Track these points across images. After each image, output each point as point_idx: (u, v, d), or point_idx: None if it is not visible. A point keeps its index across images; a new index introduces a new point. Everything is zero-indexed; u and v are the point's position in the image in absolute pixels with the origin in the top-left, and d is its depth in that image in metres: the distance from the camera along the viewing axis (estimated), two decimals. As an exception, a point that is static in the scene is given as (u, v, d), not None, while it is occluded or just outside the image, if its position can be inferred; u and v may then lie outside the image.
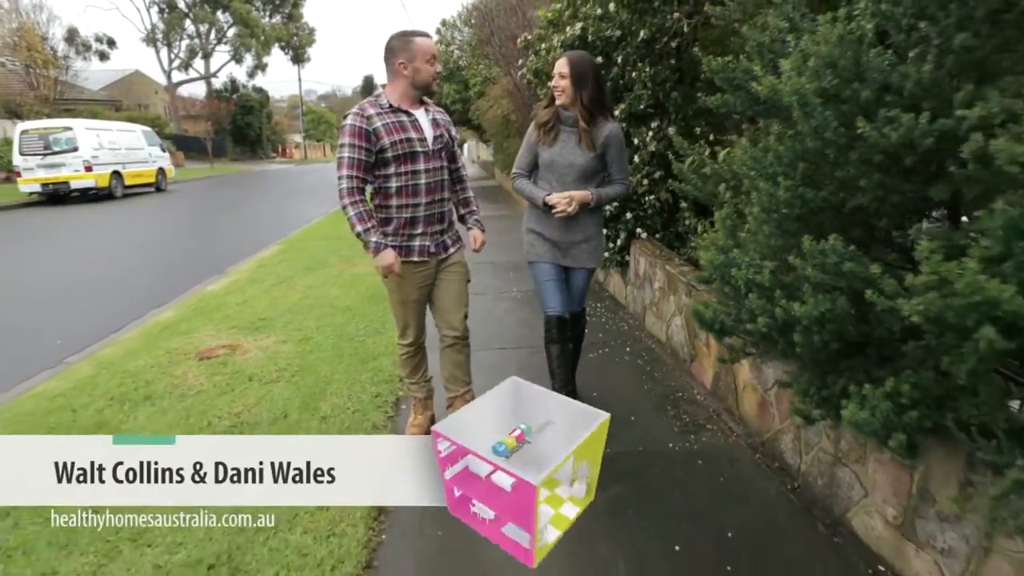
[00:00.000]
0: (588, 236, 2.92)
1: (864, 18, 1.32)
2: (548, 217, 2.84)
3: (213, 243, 9.73)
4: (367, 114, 2.44)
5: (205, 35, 37.01)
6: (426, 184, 2.54)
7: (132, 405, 3.39)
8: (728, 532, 2.25)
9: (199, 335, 4.62)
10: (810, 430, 2.47)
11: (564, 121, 2.82)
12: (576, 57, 2.75)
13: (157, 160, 17.87)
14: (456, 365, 2.83)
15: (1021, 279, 1.05)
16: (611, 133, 2.78)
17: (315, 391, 3.49)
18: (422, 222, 2.58)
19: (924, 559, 1.88)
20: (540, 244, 2.94)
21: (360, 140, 2.42)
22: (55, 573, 2.05)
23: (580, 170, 2.80)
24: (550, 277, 2.93)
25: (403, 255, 2.57)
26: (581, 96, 2.70)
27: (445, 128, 2.64)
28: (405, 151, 2.47)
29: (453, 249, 2.76)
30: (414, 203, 2.55)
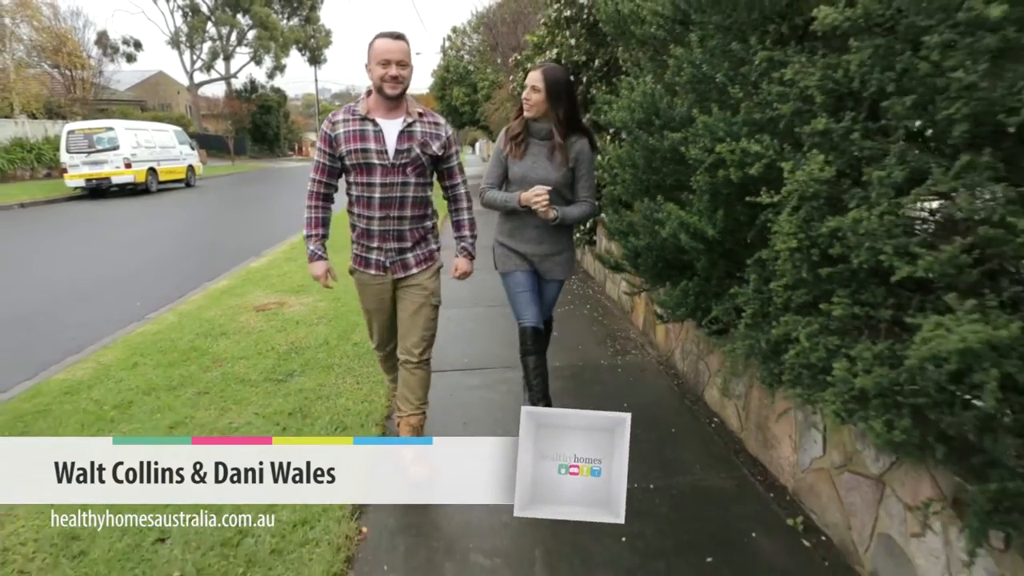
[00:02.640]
0: (561, 249, 2.85)
1: (659, 81, 2.50)
2: (520, 230, 2.80)
3: (246, 231, 10.99)
4: (335, 119, 2.40)
5: (226, 37, 38.55)
6: (381, 199, 2.39)
7: (213, 338, 4.61)
8: (625, 404, 3.42)
9: (252, 296, 5.86)
10: (687, 341, 3.65)
11: (535, 134, 2.71)
12: (551, 72, 2.64)
13: (187, 158, 19.25)
14: (406, 385, 2.67)
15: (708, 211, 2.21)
16: (582, 149, 2.70)
17: (347, 329, 4.71)
18: (377, 236, 2.46)
19: (731, 407, 3.06)
20: (512, 256, 2.86)
21: (324, 145, 2.41)
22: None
23: (551, 185, 2.67)
24: (525, 288, 2.85)
25: (361, 265, 2.55)
26: (558, 112, 2.62)
27: (420, 142, 2.41)
28: (359, 161, 2.36)
29: (416, 269, 2.56)
30: (368, 215, 2.43)
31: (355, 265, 2.59)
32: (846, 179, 1.60)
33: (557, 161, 2.69)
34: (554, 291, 3.03)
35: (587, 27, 5.08)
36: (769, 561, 2.18)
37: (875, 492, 1.98)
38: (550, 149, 2.70)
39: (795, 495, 2.49)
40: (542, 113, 2.65)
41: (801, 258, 1.72)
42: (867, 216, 1.46)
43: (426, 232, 2.59)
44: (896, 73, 1.43)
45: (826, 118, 1.59)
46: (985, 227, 1.18)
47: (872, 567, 2.01)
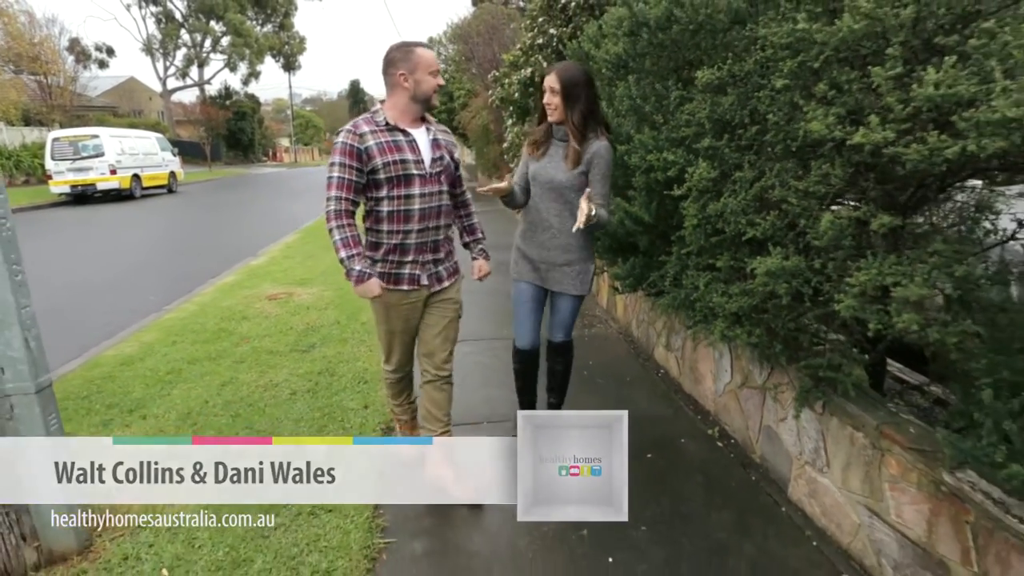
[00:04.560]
0: (571, 260, 2.66)
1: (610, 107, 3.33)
2: (533, 231, 2.70)
3: (235, 233, 11.59)
4: (360, 131, 2.25)
5: (200, 44, 38.70)
6: (420, 210, 2.32)
7: (236, 321, 5.32)
8: (590, 362, 4.24)
9: (261, 288, 6.56)
10: (640, 312, 4.49)
11: (556, 135, 2.63)
12: (566, 70, 2.51)
13: (169, 164, 19.67)
14: (434, 403, 2.64)
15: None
16: (597, 151, 2.53)
17: (354, 311, 5.45)
18: (413, 250, 2.37)
19: (672, 359, 3.90)
20: (522, 262, 2.76)
21: (351, 159, 2.23)
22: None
23: (558, 186, 2.59)
24: (526, 299, 2.75)
25: (391, 283, 2.39)
26: (572, 114, 2.49)
27: (446, 150, 2.42)
28: (399, 173, 2.26)
29: (447, 282, 2.53)
30: (405, 229, 2.33)
31: (385, 284, 2.39)
32: (724, 178, 2.43)
33: (569, 162, 2.57)
34: (567, 308, 2.78)
35: (556, 52, 5.91)
36: (691, 455, 3.01)
37: (760, 397, 2.83)
38: (565, 150, 2.60)
39: (715, 415, 3.33)
40: (564, 116, 2.53)
41: (700, 231, 2.55)
42: (733, 201, 2.30)
43: (451, 241, 2.57)
44: (748, 111, 2.27)
45: (711, 138, 2.43)
46: (786, 204, 2.01)
47: (760, 451, 2.85)
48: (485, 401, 3.62)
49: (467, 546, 2.34)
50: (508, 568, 2.22)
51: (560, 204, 2.62)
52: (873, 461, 2.06)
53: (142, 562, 2.23)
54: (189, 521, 2.23)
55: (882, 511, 2.04)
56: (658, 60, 2.77)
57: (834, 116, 1.72)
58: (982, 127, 1.30)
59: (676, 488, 2.71)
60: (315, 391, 3.73)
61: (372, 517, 2.47)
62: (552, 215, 2.64)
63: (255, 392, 3.72)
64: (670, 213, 3.06)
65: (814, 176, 1.85)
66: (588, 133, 2.56)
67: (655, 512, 2.53)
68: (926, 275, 1.50)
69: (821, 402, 2.29)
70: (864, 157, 1.68)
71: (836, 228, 1.73)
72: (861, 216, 1.72)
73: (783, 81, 1.89)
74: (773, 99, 2.09)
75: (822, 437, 2.34)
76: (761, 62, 2.15)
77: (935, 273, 1.53)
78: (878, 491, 2.05)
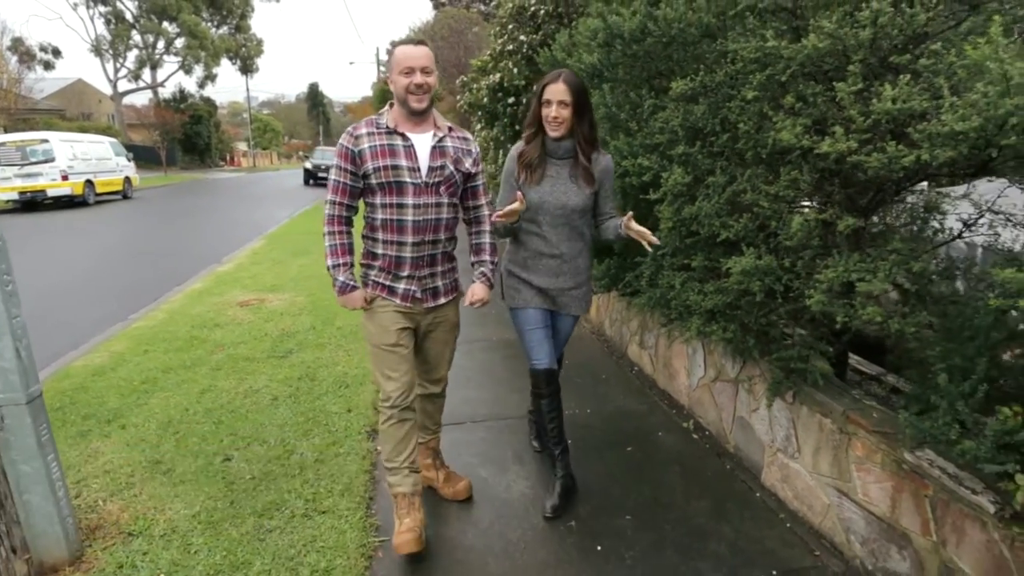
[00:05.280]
0: (579, 283, 2.56)
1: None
2: (537, 260, 2.50)
3: (195, 239, 11.35)
4: (357, 133, 2.16)
5: (152, 46, 37.64)
6: (413, 222, 2.17)
7: (209, 329, 5.26)
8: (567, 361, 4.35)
9: (231, 295, 6.48)
10: (614, 310, 4.63)
11: (553, 153, 2.39)
12: (575, 81, 2.31)
13: (124, 169, 19.09)
14: (427, 415, 2.60)
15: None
16: (607, 167, 2.43)
17: (329, 316, 5.46)
18: (408, 264, 2.23)
19: (645, 356, 4.05)
20: (526, 290, 2.56)
21: (346, 162, 2.15)
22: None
23: (575, 210, 2.41)
24: (538, 325, 2.55)
25: (387, 294, 2.27)
26: (583, 127, 2.33)
27: (453, 159, 2.23)
28: (389, 180, 2.13)
29: (444, 299, 2.37)
30: (399, 241, 2.20)
31: (378, 293, 2.27)
32: (697, 183, 2.57)
33: (581, 183, 2.38)
34: (569, 326, 2.70)
35: (525, 58, 6.03)
36: (668, 448, 3.14)
37: (733, 389, 2.98)
38: (572, 169, 2.38)
39: (689, 408, 3.48)
40: (570, 131, 2.34)
41: (675, 233, 2.69)
42: (707, 205, 2.44)
43: (452, 256, 2.42)
44: (719, 120, 2.41)
45: (684, 145, 2.57)
46: (757, 207, 2.16)
47: (734, 441, 3.00)
48: (465, 402, 3.69)
49: (461, 540, 2.42)
50: (502, 560, 2.30)
51: (569, 229, 2.45)
52: (841, 445, 2.22)
53: (138, 570, 2.23)
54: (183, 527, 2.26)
55: (850, 491, 2.20)
56: (631, 70, 2.91)
57: (801, 126, 1.87)
58: (934, 139, 1.46)
59: (656, 479, 2.84)
60: (297, 396, 3.75)
61: (366, 516, 2.52)
62: (563, 241, 2.46)
63: (236, 399, 3.72)
64: (645, 216, 3.19)
65: (783, 181, 2.00)
66: (592, 148, 2.41)
67: (637, 502, 2.66)
68: (887, 271, 1.66)
69: (792, 392, 2.45)
70: (829, 164, 1.83)
71: (805, 229, 1.88)
72: (828, 218, 1.87)
73: (753, 93, 2.04)
74: (743, 109, 2.24)
75: (792, 425, 2.50)
76: (731, 74, 2.30)
77: (895, 269, 1.69)
78: (846, 472, 2.21)
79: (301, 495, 2.67)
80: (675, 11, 2.50)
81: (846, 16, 1.80)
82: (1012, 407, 1.60)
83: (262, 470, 2.89)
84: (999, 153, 1.41)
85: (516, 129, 6.84)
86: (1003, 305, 1.48)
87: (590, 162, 2.38)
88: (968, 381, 1.69)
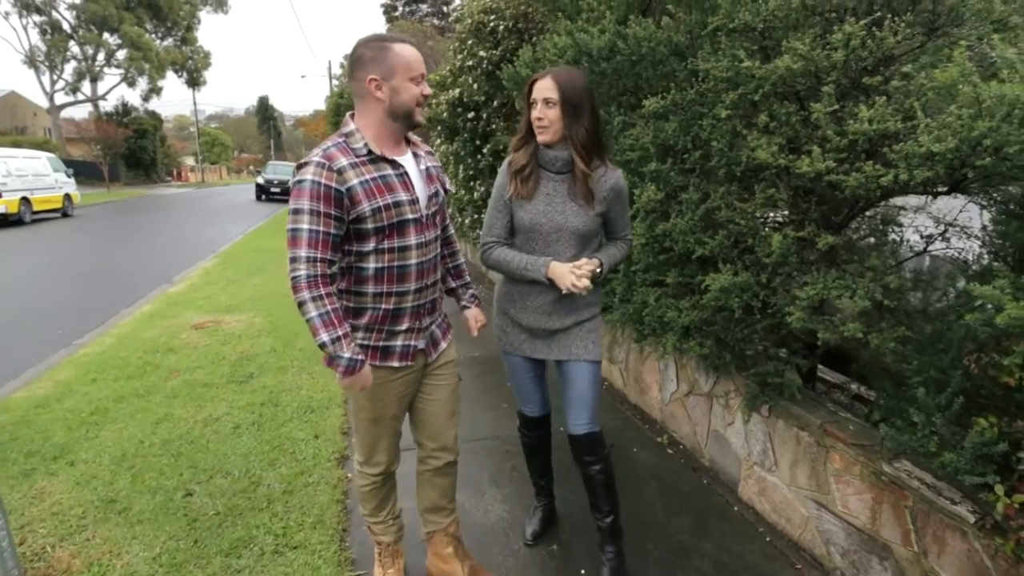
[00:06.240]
0: (581, 319, 2.09)
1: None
2: (524, 296, 2.08)
3: (148, 259, 10.90)
4: (337, 166, 1.64)
5: (92, 57, 36.26)
6: (417, 265, 1.79)
7: (162, 354, 5.02)
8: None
9: (184, 317, 6.22)
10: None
11: (548, 165, 2.00)
12: (567, 77, 1.92)
13: (63, 186, 18.21)
14: (439, 491, 2.15)
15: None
16: (618, 184, 2.01)
17: (289, 339, 5.29)
18: (408, 315, 1.83)
19: (616, 370, 4.05)
20: (513, 332, 2.17)
21: (327, 205, 1.64)
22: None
23: (576, 234, 1.99)
24: (525, 373, 2.26)
25: (379, 358, 1.84)
26: (575, 131, 1.91)
27: (439, 181, 1.90)
28: (392, 221, 1.71)
29: (444, 343, 2.02)
30: (399, 291, 1.79)
31: (371, 360, 1.82)
32: (670, 200, 2.59)
33: (581, 201, 1.97)
34: (584, 379, 2.11)
35: (486, 73, 6.02)
36: (644, 463, 3.14)
37: (707, 403, 3.00)
38: (571, 184, 1.98)
39: (662, 423, 3.49)
40: (560, 136, 1.94)
41: (649, 250, 2.70)
42: (682, 222, 2.45)
43: (442, 296, 2.06)
44: (691, 137, 2.44)
45: (656, 162, 2.58)
46: (733, 224, 2.18)
47: (709, 455, 3.02)
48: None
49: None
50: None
51: (568, 258, 1.99)
52: (819, 457, 2.25)
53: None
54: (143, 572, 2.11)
55: (829, 503, 2.23)
56: (599, 87, 2.91)
57: (776, 145, 1.89)
58: (910, 159, 1.49)
59: (635, 496, 2.82)
60: (260, 423, 3.60)
61: (340, 550, 2.42)
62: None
63: (195, 428, 3.54)
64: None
65: (759, 199, 2.03)
66: (594, 159, 1.97)
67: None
68: (866, 288, 1.69)
69: (767, 406, 2.47)
70: (804, 182, 1.86)
71: (784, 246, 1.90)
72: (806, 236, 1.90)
73: (726, 111, 2.06)
74: (715, 127, 2.27)
75: (769, 438, 2.52)
76: (702, 92, 2.33)
77: (872, 285, 1.72)
78: (824, 485, 2.24)
79: (270, 530, 2.55)
80: (645, 30, 2.52)
81: (816, 38, 1.84)
82: (988, 418, 1.65)
83: (227, 505, 2.74)
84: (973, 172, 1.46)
85: (476, 144, 6.82)
86: (977, 320, 1.51)
87: (588, 176, 1.95)
88: (943, 393, 1.73)
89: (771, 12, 1.96)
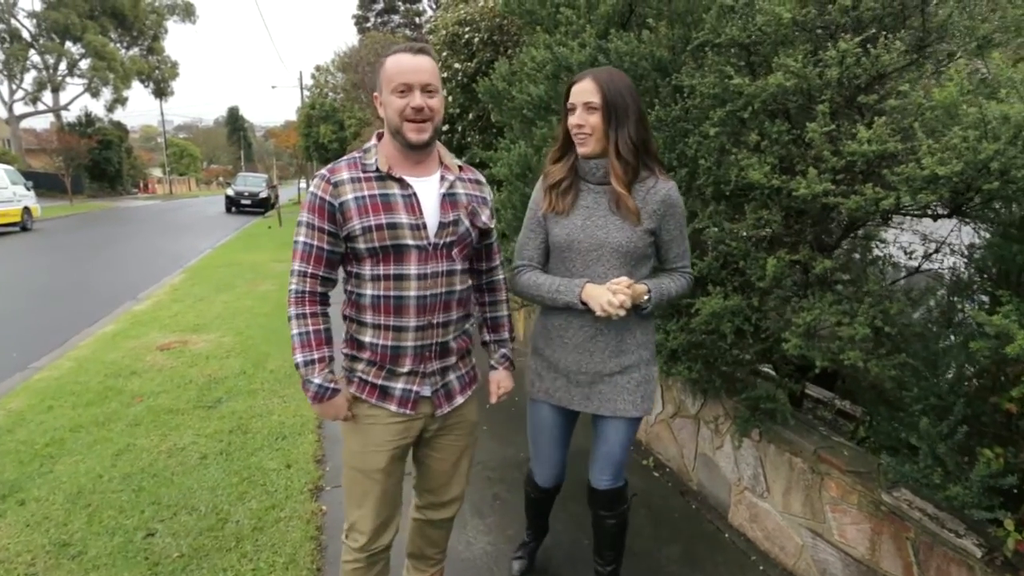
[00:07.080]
0: (628, 364, 1.82)
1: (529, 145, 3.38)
2: (563, 330, 1.84)
3: (112, 275, 10.53)
4: (336, 179, 1.57)
5: (54, 67, 35.33)
6: (418, 299, 1.60)
7: (125, 378, 4.79)
8: (516, 398, 4.21)
9: (149, 337, 5.97)
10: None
11: (587, 176, 1.79)
12: (610, 80, 1.70)
13: (22, 199, 17.60)
14: (430, 543, 1.98)
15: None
16: (670, 196, 1.75)
17: (260, 359, 5.10)
18: (410, 357, 1.64)
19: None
20: (548, 375, 1.91)
21: (321, 219, 1.57)
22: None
23: (618, 251, 1.74)
24: (548, 428, 2.00)
25: (376, 397, 1.67)
26: (618, 138, 1.69)
27: (468, 211, 1.67)
28: (384, 243, 1.56)
29: (461, 398, 1.78)
30: (397, 325, 1.62)
31: (360, 394, 1.68)
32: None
33: (624, 214, 1.73)
34: (619, 437, 1.91)
35: (460, 86, 5.94)
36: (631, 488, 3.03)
37: (694, 426, 2.92)
38: (613, 198, 1.74)
39: (647, 445, 3.41)
40: (603, 147, 1.72)
41: (634, 270, 2.61)
42: (668, 241, 2.37)
43: (469, 338, 1.82)
44: (676, 154, 2.37)
45: (641, 180, 2.51)
46: (722, 246, 2.11)
47: (697, 479, 2.93)
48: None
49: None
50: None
51: (612, 278, 1.71)
52: (813, 484, 2.18)
53: None
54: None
55: (825, 532, 2.15)
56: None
57: (768, 165, 1.82)
58: (912, 181, 1.43)
59: (623, 524, 2.72)
60: (228, 453, 3.42)
61: (314, 594, 2.27)
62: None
63: (158, 459, 3.35)
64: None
65: (750, 220, 1.96)
66: (642, 170, 1.74)
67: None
68: (866, 314, 1.62)
69: (758, 430, 2.40)
70: (798, 204, 1.79)
71: (778, 270, 1.83)
72: (802, 259, 1.83)
73: (715, 129, 1.99)
74: (702, 144, 2.20)
75: (760, 463, 2.45)
76: (687, 109, 2.26)
77: (872, 311, 1.65)
78: (820, 513, 2.16)
79: (239, 572, 2.39)
80: (627, 44, 2.45)
81: (808, 55, 1.78)
82: (993, 448, 1.59)
83: (192, 545, 2.57)
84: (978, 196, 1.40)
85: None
86: (983, 347, 1.45)
87: (631, 187, 1.71)
88: (945, 421, 1.67)
89: (759, 28, 1.90)
